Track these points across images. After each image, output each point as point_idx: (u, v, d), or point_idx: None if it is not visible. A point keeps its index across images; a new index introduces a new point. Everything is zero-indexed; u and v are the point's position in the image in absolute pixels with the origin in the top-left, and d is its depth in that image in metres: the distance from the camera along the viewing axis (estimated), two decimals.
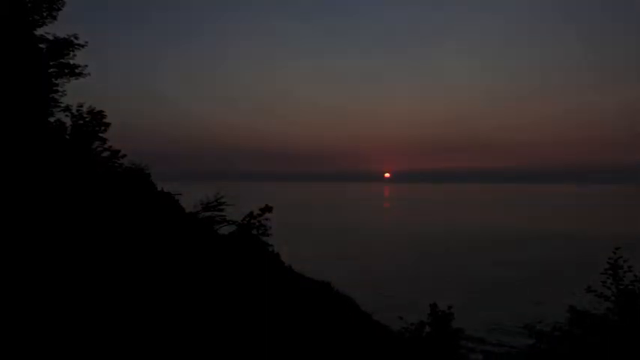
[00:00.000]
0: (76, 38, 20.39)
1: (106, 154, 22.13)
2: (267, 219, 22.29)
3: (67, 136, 21.30)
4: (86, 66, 20.82)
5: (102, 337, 8.94)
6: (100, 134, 21.97)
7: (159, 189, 21.98)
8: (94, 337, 8.83)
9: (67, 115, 21.38)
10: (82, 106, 21.70)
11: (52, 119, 20.86)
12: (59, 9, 19.80)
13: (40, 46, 19.70)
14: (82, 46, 20.59)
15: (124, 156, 22.45)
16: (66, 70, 20.52)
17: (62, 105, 21.05)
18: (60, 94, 20.78)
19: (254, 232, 21.92)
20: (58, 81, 20.57)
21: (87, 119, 21.64)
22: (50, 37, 19.92)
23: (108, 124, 22.09)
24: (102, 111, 21.87)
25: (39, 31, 19.68)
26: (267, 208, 22.29)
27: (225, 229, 22.09)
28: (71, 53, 20.54)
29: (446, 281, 50.59)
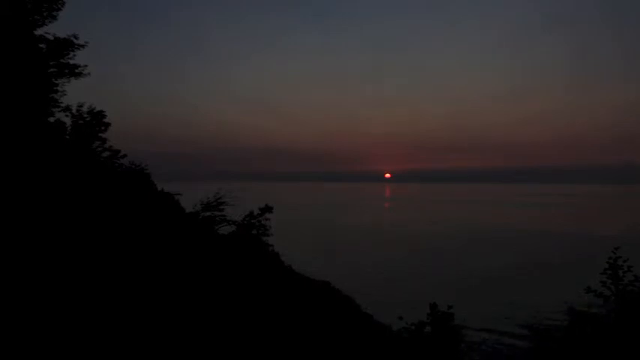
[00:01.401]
0: (76, 38, 20.41)
1: (106, 154, 22.14)
2: (267, 219, 22.33)
3: (67, 136, 21.30)
4: (86, 66, 20.84)
5: (102, 337, 8.94)
6: (100, 134, 21.98)
7: (159, 189, 21.99)
8: (94, 337, 8.83)
9: (67, 115, 21.40)
10: (82, 106, 21.72)
11: (52, 119, 20.87)
12: (59, 9, 19.81)
13: (40, 46, 19.70)
14: (82, 46, 20.58)
15: (124, 156, 22.47)
16: (66, 70, 20.51)
17: (62, 105, 21.06)
18: (60, 94, 20.78)
19: (254, 232, 21.95)
20: (58, 81, 20.56)
21: (87, 119, 21.65)
22: (50, 37, 19.93)
23: (108, 124, 22.11)
24: (102, 111, 21.90)
25: (39, 31, 19.70)
26: (267, 208, 22.34)
27: (225, 229, 22.11)
28: (71, 53, 20.54)
29: (446, 280, 50.56)
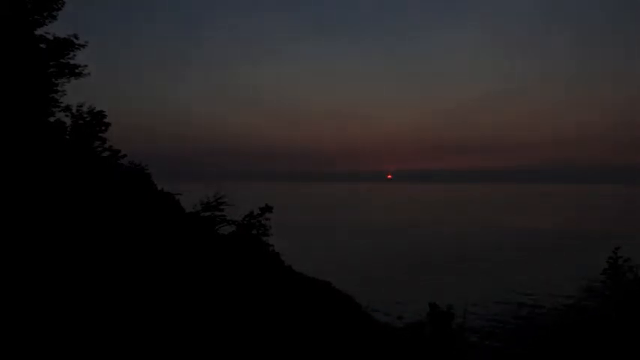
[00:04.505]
0: (76, 38, 20.42)
1: (106, 154, 22.13)
2: (267, 219, 22.33)
3: (67, 136, 21.30)
4: (86, 66, 20.85)
5: (102, 338, 8.94)
6: (100, 134, 21.96)
7: (159, 189, 22.01)
8: (94, 338, 8.83)
9: (67, 115, 21.39)
10: (82, 106, 21.71)
11: (52, 119, 20.88)
12: (59, 9, 19.83)
13: (40, 46, 19.71)
14: (82, 46, 20.60)
15: (124, 156, 22.47)
16: (66, 70, 20.52)
17: (62, 105, 21.06)
18: (60, 94, 20.79)
19: (254, 232, 21.95)
20: (58, 81, 20.57)
21: (87, 119, 21.64)
22: (50, 37, 19.93)
23: (108, 124, 22.09)
24: (102, 111, 21.87)
25: (39, 31, 19.71)
26: (267, 208, 22.34)
27: (225, 229, 22.11)
28: (71, 53, 20.55)
29: (447, 280, 50.60)
